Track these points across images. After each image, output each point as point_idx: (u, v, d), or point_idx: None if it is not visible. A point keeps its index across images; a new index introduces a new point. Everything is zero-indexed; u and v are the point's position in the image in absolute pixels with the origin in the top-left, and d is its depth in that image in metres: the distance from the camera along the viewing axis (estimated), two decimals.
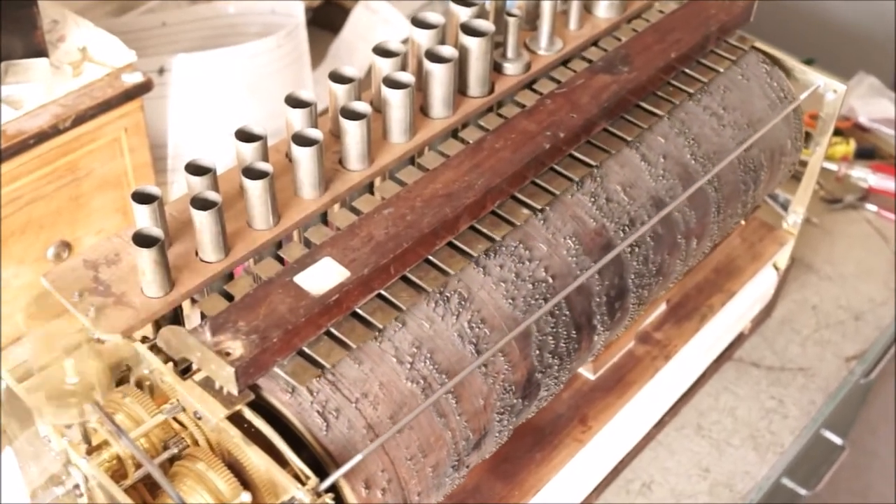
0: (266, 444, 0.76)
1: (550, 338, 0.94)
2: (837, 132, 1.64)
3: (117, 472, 0.79)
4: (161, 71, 1.39)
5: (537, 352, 0.93)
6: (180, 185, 1.42)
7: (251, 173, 0.85)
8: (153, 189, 0.83)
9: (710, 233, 1.11)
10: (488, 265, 0.90)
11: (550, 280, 0.93)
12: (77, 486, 0.81)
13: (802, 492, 1.40)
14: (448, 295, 0.87)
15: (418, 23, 0.99)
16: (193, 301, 0.86)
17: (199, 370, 0.80)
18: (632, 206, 1.00)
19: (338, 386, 0.80)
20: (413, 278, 0.86)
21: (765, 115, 1.13)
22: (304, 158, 0.88)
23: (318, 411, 0.79)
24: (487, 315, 0.89)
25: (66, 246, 1.25)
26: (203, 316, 0.82)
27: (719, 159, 1.08)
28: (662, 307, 1.21)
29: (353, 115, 0.91)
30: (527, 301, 0.91)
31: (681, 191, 1.04)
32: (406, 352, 0.84)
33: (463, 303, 0.88)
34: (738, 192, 1.11)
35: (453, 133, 1.00)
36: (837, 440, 1.44)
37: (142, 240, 0.80)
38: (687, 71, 1.09)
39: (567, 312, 0.95)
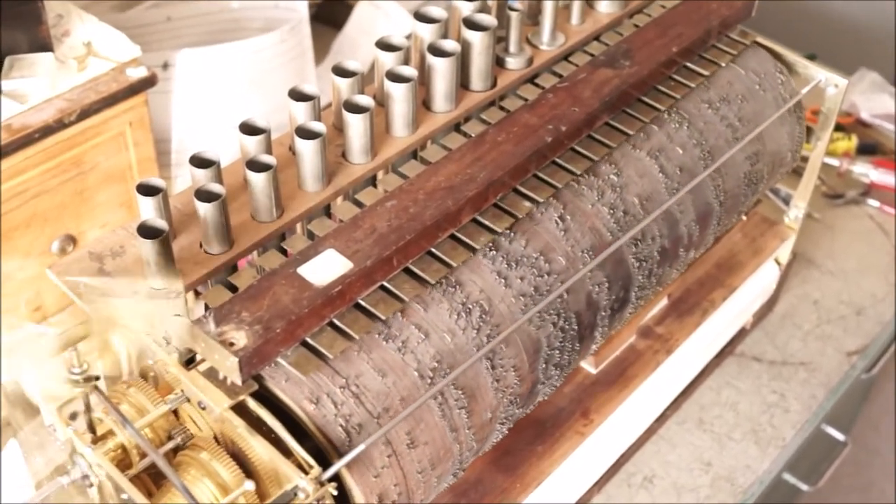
0: (269, 433, 0.77)
1: (557, 351, 0.95)
2: (839, 128, 1.65)
3: (122, 462, 0.80)
4: (165, 66, 1.39)
5: (544, 365, 0.94)
6: (184, 180, 1.43)
7: (255, 166, 0.86)
8: (158, 181, 0.84)
9: (706, 243, 1.12)
10: (510, 276, 0.90)
11: (566, 295, 0.94)
12: (87, 477, 0.81)
13: (804, 487, 1.40)
14: (470, 307, 0.87)
15: (421, 17, 1.00)
16: (197, 293, 0.87)
17: (203, 361, 0.81)
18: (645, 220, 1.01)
19: (361, 399, 0.81)
20: (416, 270, 0.87)
21: (775, 129, 1.14)
22: (308, 151, 0.88)
23: (341, 425, 0.79)
24: (505, 330, 0.89)
25: (71, 239, 1.25)
26: (207, 307, 0.82)
27: (728, 173, 1.09)
28: (664, 301, 1.21)
29: (356, 109, 0.91)
30: (542, 316, 0.92)
31: (690, 205, 1.05)
32: (428, 366, 0.84)
33: (484, 316, 0.88)
34: (738, 203, 1.13)
35: (455, 126, 1.01)
36: (839, 436, 1.45)
37: (147, 231, 0.81)
38: (688, 65, 1.10)
39: (575, 327, 0.96)
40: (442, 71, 0.97)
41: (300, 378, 0.79)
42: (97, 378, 0.82)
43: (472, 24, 0.99)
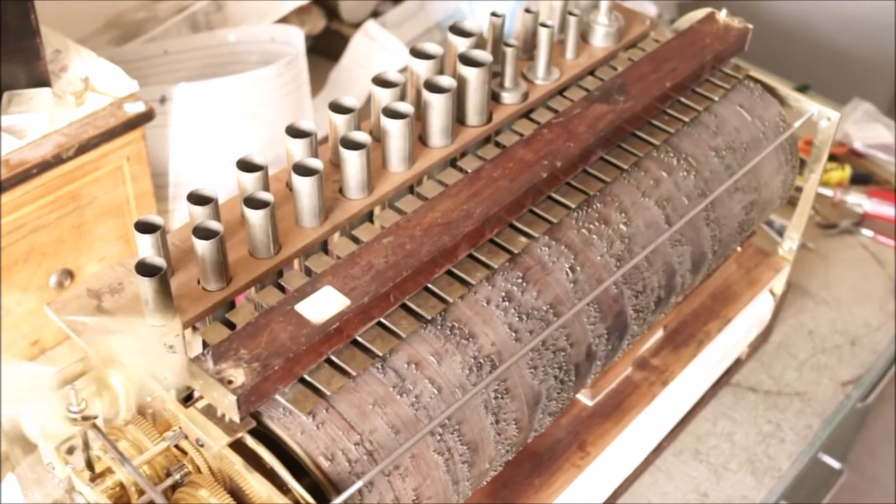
0: (267, 470, 0.77)
1: (554, 402, 0.96)
2: (833, 158, 1.66)
3: (120, 500, 0.80)
4: (162, 100, 1.40)
5: (541, 416, 0.95)
6: (181, 213, 1.43)
7: (252, 203, 0.87)
8: (156, 219, 0.84)
9: (693, 286, 1.14)
10: (521, 329, 0.91)
11: (569, 348, 0.95)
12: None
13: None
14: (481, 361, 0.88)
15: (417, 53, 1.00)
16: (195, 329, 0.87)
17: (201, 398, 0.81)
18: (647, 273, 1.01)
19: (374, 457, 0.81)
20: (412, 306, 0.87)
21: (770, 178, 1.15)
22: (305, 188, 0.89)
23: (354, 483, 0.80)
24: (511, 385, 0.90)
25: (69, 274, 1.26)
26: (205, 344, 0.83)
27: (725, 224, 1.10)
28: (660, 333, 1.22)
29: (352, 145, 0.92)
30: (545, 370, 0.93)
31: (688, 256, 1.06)
32: (439, 422, 0.85)
33: (493, 371, 0.89)
34: (727, 249, 1.15)
35: (452, 162, 1.01)
36: (836, 464, 1.45)
37: (145, 269, 0.81)
38: (682, 100, 1.11)
39: (573, 378, 0.97)
40: (438, 107, 0.97)
41: (316, 432, 0.79)
42: (95, 417, 0.82)
43: (467, 60, 1.00)
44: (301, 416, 0.79)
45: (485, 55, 1.01)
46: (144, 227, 0.84)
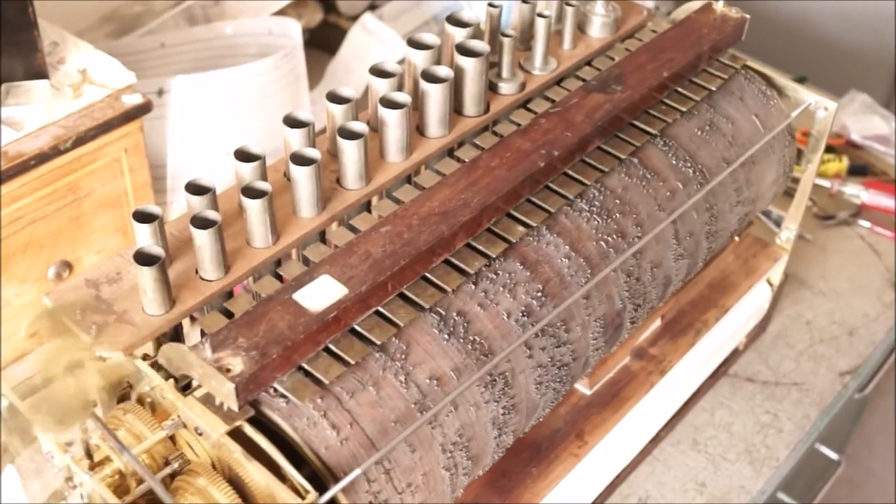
0: (266, 459, 0.77)
1: (548, 409, 0.97)
2: (830, 149, 1.66)
3: (119, 488, 0.80)
4: (160, 92, 1.40)
5: (533, 423, 0.96)
6: (179, 205, 1.43)
7: (250, 192, 0.87)
8: (154, 208, 0.84)
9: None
10: (534, 346, 0.91)
11: (571, 363, 0.95)
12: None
13: None
14: (496, 379, 0.88)
15: (414, 43, 1.01)
16: (192, 319, 0.87)
17: (199, 387, 0.81)
18: (650, 286, 1.02)
19: (391, 475, 0.81)
20: (410, 295, 0.87)
21: (768, 190, 1.16)
22: (303, 178, 0.89)
23: (370, 502, 0.80)
24: (518, 401, 0.91)
25: (67, 265, 1.26)
26: (203, 333, 0.83)
27: (722, 236, 1.11)
28: (657, 323, 1.22)
29: (350, 135, 0.92)
30: (548, 386, 0.93)
31: (685, 269, 1.07)
32: (451, 440, 0.85)
33: (505, 388, 0.89)
34: (715, 257, 1.14)
35: (449, 152, 1.01)
36: (833, 455, 1.45)
37: (143, 258, 0.81)
38: (680, 90, 1.11)
39: (568, 387, 0.97)
40: (435, 97, 0.97)
41: (339, 448, 0.79)
42: (95, 404, 0.82)
43: (465, 50, 1.00)
44: (327, 429, 0.79)
45: (482, 45, 1.01)
46: (143, 217, 0.84)
